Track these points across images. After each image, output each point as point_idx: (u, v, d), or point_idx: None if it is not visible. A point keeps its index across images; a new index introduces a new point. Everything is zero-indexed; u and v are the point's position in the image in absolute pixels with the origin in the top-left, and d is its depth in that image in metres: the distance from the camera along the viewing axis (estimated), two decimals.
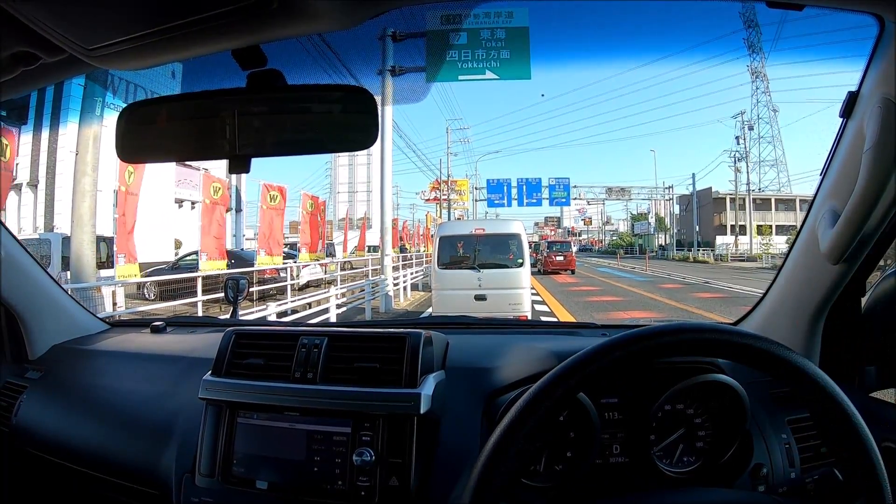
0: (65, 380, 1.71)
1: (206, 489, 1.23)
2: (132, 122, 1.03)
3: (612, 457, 1.21)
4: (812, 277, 1.27)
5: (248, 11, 0.75)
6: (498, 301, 9.37)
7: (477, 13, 13.83)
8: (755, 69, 56.30)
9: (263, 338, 1.35)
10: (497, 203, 44.55)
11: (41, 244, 12.90)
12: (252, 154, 0.96)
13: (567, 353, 1.11)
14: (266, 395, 1.23)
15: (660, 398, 1.20)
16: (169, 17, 0.77)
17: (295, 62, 1.08)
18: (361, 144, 0.97)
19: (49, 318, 1.86)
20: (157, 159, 1.16)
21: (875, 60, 1.02)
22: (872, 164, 0.98)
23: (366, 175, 72.48)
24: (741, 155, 54.82)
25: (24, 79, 0.99)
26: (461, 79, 14.27)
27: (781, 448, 1.21)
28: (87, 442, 1.52)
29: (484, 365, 1.34)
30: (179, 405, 1.42)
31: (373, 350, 1.26)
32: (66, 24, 0.79)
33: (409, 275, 18.35)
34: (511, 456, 0.69)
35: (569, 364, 0.73)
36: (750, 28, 44.86)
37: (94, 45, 0.84)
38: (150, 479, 1.36)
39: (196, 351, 1.62)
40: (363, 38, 13.87)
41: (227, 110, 0.95)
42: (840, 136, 1.13)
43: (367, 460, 1.11)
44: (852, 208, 1.04)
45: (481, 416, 1.23)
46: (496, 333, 1.74)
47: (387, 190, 16.23)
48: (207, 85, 0.98)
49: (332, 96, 1.02)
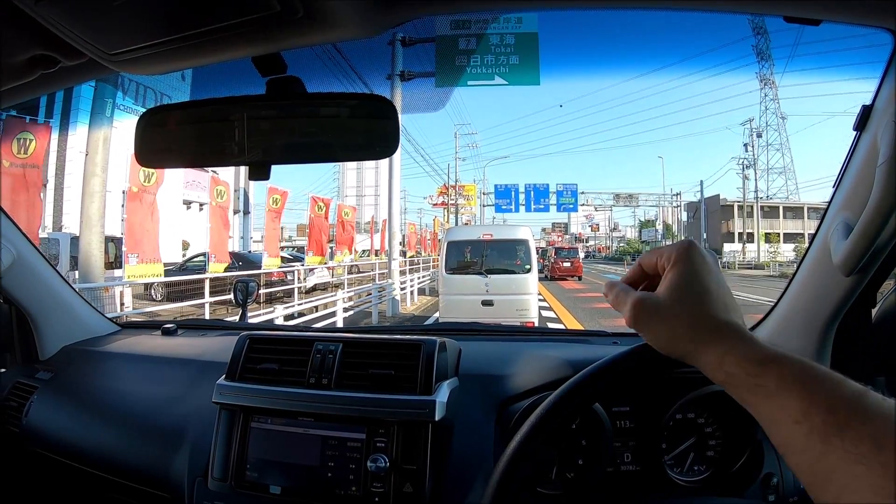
0: (75, 381, 1.71)
1: (218, 493, 1.23)
2: (151, 127, 1.03)
3: (624, 465, 1.21)
4: (824, 288, 1.27)
5: (272, 19, 0.75)
6: (505, 306, 9.37)
7: (486, 19, 13.85)
8: (764, 76, 56.17)
9: (278, 343, 1.35)
10: (504, 208, 44.51)
11: (50, 244, 12.97)
12: (272, 161, 0.97)
13: (580, 362, 1.12)
14: (280, 400, 1.23)
15: (672, 407, 1.20)
16: (193, 24, 0.77)
17: (308, 68, 1.08)
18: (382, 153, 0.96)
19: (59, 319, 1.86)
20: (176, 164, 1.16)
21: (889, 75, 1.02)
22: (886, 178, 0.97)
23: (374, 179, 72.76)
24: (749, 162, 54.73)
25: (42, 81, 1.00)
26: (470, 84, 14.32)
27: None
28: (98, 444, 1.52)
29: (496, 372, 1.34)
30: (191, 409, 1.42)
31: (387, 357, 1.26)
32: (88, 28, 0.80)
33: (416, 279, 18.34)
34: (528, 463, 0.70)
35: (588, 373, 0.73)
36: (759, 35, 44.85)
37: (115, 50, 0.84)
38: (161, 482, 1.36)
39: (208, 354, 1.62)
40: (373, 43, 13.94)
41: (247, 117, 0.95)
42: (853, 149, 1.12)
43: (381, 466, 1.12)
44: (865, 221, 1.04)
45: (494, 423, 1.23)
46: (507, 340, 1.74)
47: (395, 194, 16.26)
48: (221, 88, 0.98)
49: (353, 104, 1.01)
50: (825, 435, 0.48)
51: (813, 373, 0.52)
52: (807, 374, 0.52)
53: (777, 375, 0.53)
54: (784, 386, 0.52)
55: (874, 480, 0.44)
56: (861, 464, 0.45)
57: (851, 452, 0.46)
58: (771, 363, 0.55)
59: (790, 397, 0.52)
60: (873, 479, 0.44)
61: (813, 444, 0.49)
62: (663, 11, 0.87)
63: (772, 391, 0.53)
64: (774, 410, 0.53)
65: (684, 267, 0.64)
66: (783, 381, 0.53)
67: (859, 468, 0.45)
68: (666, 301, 0.64)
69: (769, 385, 0.54)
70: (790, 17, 0.86)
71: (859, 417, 0.47)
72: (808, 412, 0.50)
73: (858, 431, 0.46)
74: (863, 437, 0.46)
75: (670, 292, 0.64)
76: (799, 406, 0.51)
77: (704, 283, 0.64)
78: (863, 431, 0.46)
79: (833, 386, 0.51)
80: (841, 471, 0.46)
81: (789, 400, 0.52)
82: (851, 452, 0.46)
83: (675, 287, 0.64)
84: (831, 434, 0.47)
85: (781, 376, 0.53)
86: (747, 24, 41.05)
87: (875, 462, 0.44)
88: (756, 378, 0.55)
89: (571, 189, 45.55)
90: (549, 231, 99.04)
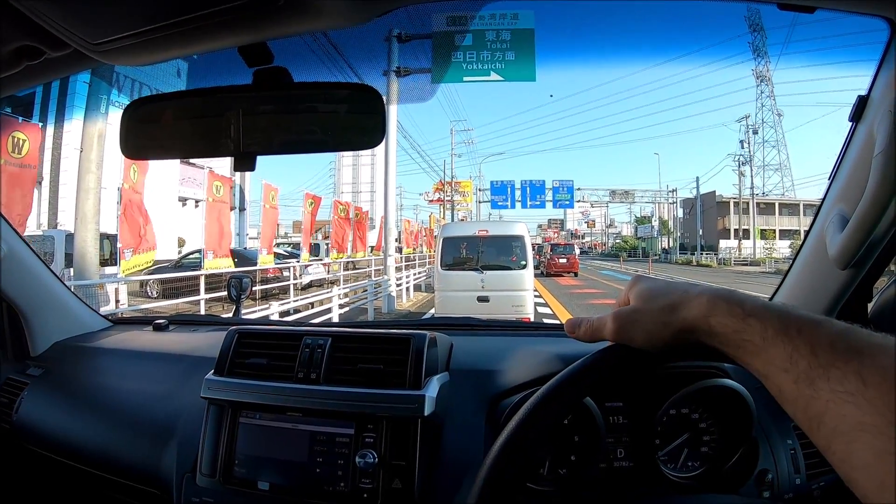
0: (66, 377, 1.70)
1: (207, 489, 1.22)
2: (137, 119, 1.02)
3: (617, 461, 1.19)
4: (819, 282, 1.27)
5: (254, 7, 0.75)
6: (501, 303, 9.38)
7: (482, 14, 13.86)
8: (760, 73, 56.37)
9: (266, 337, 1.34)
10: (500, 205, 44.73)
11: (45, 241, 12.93)
12: (258, 152, 0.96)
13: (572, 356, 1.10)
14: (269, 395, 1.22)
15: (665, 403, 1.19)
16: (175, 13, 0.76)
17: (302, 62, 1.07)
18: (368, 144, 0.96)
19: (51, 315, 1.85)
20: (161, 156, 1.15)
21: (886, 64, 1.01)
22: (883, 169, 0.97)
23: (370, 175, 72.70)
24: (745, 159, 54.96)
25: (29, 73, 0.99)
26: (466, 80, 14.34)
27: (787, 454, 1.20)
28: (88, 440, 1.51)
29: (488, 367, 1.33)
30: (181, 404, 1.41)
31: (377, 351, 1.25)
32: (70, 18, 0.79)
33: (412, 275, 18.35)
34: (517, 459, 0.69)
35: (578, 367, 0.72)
36: (755, 32, 45.01)
37: (98, 40, 0.83)
38: (151, 478, 1.35)
39: (199, 350, 1.61)
40: (369, 38, 13.94)
41: (232, 108, 0.94)
42: (849, 140, 1.12)
43: (369, 462, 1.10)
44: (862, 213, 1.03)
45: (485, 418, 1.22)
46: (500, 335, 1.73)
47: (391, 190, 16.27)
48: (213, 82, 0.98)
49: (339, 94, 1.01)
50: (811, 378, 0.48)
51: (794, 319, 0.52)
52: (788, 321, 0.52)
53: (760, 329, 0.54)
54: (767, 337, 0.53)
55: (862, 418, 0.44)
56: (848, 402, 0.45)
57: (838, 392, 0.45)
58: (752, 317, 0.55)
59: (775, 347, 0.52)
60: (862, 417, 0.44)
61: (802, 389, 0.49)
62: (659, 6, 0.86)
63: (758, 345, 0.54)
64: (764, 364, 0.53)
65: (639, 283, 0.71)
66: (766, 332, 0.53)
67: (847, 407, 0.45)
68: (638, 305, 0.69)
69: (754, 339, 0.54)
70: (784, 4, 0.85)
71: (843, 356, 0.47)
72: (793, 358, 0.50)
73: (842, 370, 0.46)
74: (847, 374, 0.46)
75: (637, 299, 0.69)
76: (783, 354, 0.51)
77: (662, 282, 0.70)
78: (847, 369, 0.46)
79: (815, 328, 0.50)
80: (830, 412, 0.46)
81: (775, 350, 0.52)
82: (838, 392, 0.45)
83: (639, 295, 0.70)
84: (816, 377, 0.47)
85: (764, 328, 0.54)
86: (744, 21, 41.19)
87: (861, 399, 0.44)
88: (741, 334, 0.56)
89: (567, 185, 45.77)
90: (546, 227, 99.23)
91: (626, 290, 0.73)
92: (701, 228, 54.92)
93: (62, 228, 15.78)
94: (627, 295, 0.72)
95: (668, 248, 60.56)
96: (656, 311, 0.65)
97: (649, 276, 0.74)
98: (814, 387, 0.47)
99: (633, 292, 0.71)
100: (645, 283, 0.71)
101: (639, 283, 0.71)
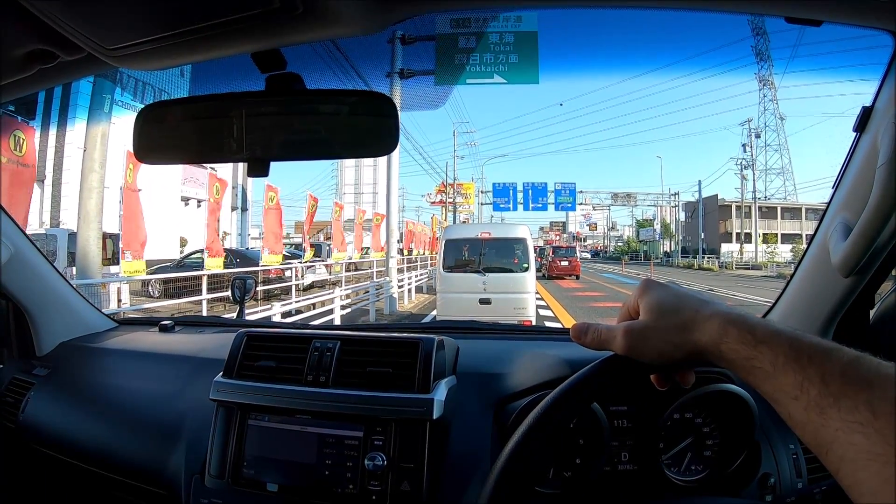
0: (72, 377, 1.71)
1: (215, 490, 1.23)
2: (150, 123, 1.02)
3: (621, 464, 1.20)
4: (822, 289, 1.27)
5: (271, 15, 0.75)
6: (503, 305, 9.37)
7: (486, 17, 13.83)
8: (763, 77, 56.24)
9: (275, 340, 1.35)
10: (503, 207, 44.66)
11: (47, 240, 12.94)
12: (271, 157, 0.96)
13: (578, 361, 1.11)
14: (278, 397, 1.23)
15: (669, 407, 1.20)
16: (192, 20, 0.77)
17: (307, 65, 1.07)
18: (382, 150, 0.96)
19: (57, 315, 1.85)
20: (175, 160, 1.15)
21: (890, 77, 1.02)
22: (886, 179, 0.98)
23: (372, 177, 72.59)
24: (748, 163, 54.86)
25: (41, 76, 0.99)
26: (469, 82, 14.31)
27: (789, 458, 1.21)
28: (95, 440, 1.51)
29: (494, 371, 1.34)
30: (188, 405, 1.42)
31: (385, 354, 1.26)
32: (87, 23, 0.79)
33: (413, 277, 18.34)
34: (527, 464, 0.70)
35: (587, 373, 0.73)
36: (758, 36, 44.89)
37: (114, 45, 0.83)
38: (158, 479, 1.36)
39: (205, 351, 1.62)
40: (373, 41, 13.90)
41: (246, 113, 0.95)
42: (853, 150, 1.13)
43: (378, 464, 1.11)
44: (865, 222, 1.04)
45: (492, 422, 1.23)
46: (504, 339, 1.74)
47: (393, 192, 16.27)
48: (219, 85, 0.98)
49: (353, 101, 1.01)
50: (821, 407, 0.49)
51: (805, 346, 0.53)
52: (799, 349, 0.53)
53: (770, 356, 0.54)
54: (778, 365, 0.53)
55: (871, 448, 0.44)
56: (858, 432, 0.45)
57: (848, 421, 0.46)
58: (763, 344, 0.56)
59: (786, 375, 0.52)
60: (871, 447, 0.44)
61: (811, 417, 0.49)
62: (663, 11, 0.87)
63: (768, 372, 0.54)
64: (774, 390, 0.54)
65: (649, 293, 0.70)
66: (777, 360, 0.54)
67: (856, 437, 0.45)
68: (649, 321, 0.68)
69: (765, 366, 0.55)
70: (791, 17, 0.86)
71: (853, 385, 0.48)
72: (803, 387, 0.51)
73: (853, 400, 0.47)
74: (857, 405, 0.46)
75: (648, 314, 0.69)
76: (794, 382, 0.51)
77: (672, 292, 0.70)
78: (857, 399, 0.46)
79: (825, 357, 0.51)
80: (839, 441, 0.47)
81: (786, 378, 0.52)
82: (848, 421, 0.46)
83: (650, 308, 0.69)
84: (827, 406, 0.48)
85: (775, 356, 0.54)
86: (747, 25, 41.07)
87: (871, 429, 0.45)
88: (752, 361, 0.56)
89: (570, 188, 45.74)
90: (548, 230, 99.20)
91: (634, 297, 0.72)
92: (703, 232, 54.80)
93: (65, 227, 15.79)
94: (637, 303, 0.71)
95: (670, 252, 60.46)
96: (667, 331, 0.65)
97: (660, 283, 0.73)
98: (824, 415, 0.48)
99: (644, 303, 0.70)
100: (656, 293, 0.70)
101: (649, 292, 0.70)
